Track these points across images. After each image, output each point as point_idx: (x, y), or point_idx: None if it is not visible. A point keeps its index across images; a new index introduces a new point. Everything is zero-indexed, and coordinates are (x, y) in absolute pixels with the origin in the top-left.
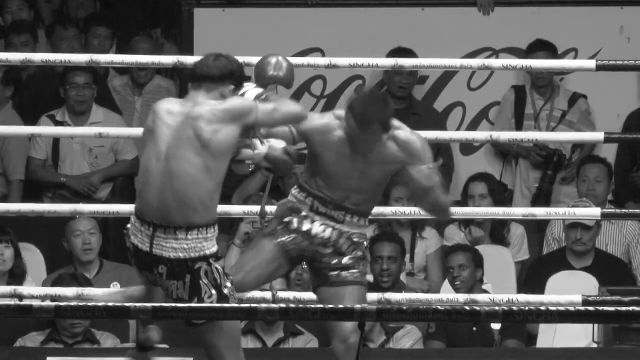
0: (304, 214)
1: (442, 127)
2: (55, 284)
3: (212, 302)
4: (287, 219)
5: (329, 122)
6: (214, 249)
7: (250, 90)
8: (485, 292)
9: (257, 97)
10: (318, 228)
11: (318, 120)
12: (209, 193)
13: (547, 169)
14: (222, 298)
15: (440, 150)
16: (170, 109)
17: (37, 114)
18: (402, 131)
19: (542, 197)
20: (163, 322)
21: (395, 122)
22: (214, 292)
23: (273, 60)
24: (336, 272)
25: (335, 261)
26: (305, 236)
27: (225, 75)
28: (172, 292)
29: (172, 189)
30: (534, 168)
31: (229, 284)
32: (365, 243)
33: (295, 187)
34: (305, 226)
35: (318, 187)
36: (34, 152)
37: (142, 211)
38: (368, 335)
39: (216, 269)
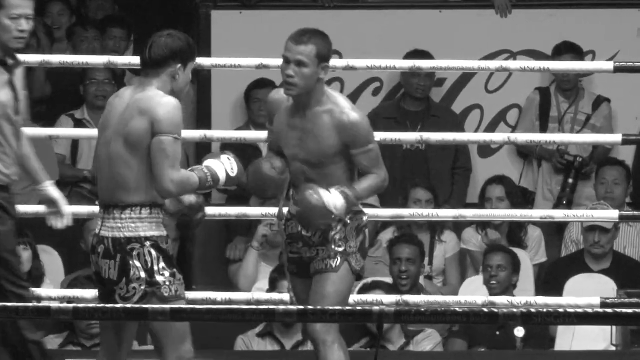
0: (289, 215)
1: (461, 129)
2: (71, 286)
3: (140, 285)
4: (282, 226)
5: (281, 94)
6: (152, 232)
7: (220, 165)
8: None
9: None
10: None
11: (274, 95)
12: (141, 174)
13: (567, 177)
14: (152, 284)
15: (458, 151)
16: (121, 95)
17: (56, 112)
18: (339, 108)
19: (563, 207)
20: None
21: (338, 96)
22: (143, 275)
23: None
24: (316, 262)
25: (308, 255)
26: (296, 238)
27: (168, 56)
28: (105, 272)
29: (109, 169)
30: (555, 172)
31: (166, 273)
32: (347, 220)
33: None
34: (294, 229)
35: (289, 170)
36: (54, 148)
37: (98, 195)
38: (387, 336)
39: (149, 252)
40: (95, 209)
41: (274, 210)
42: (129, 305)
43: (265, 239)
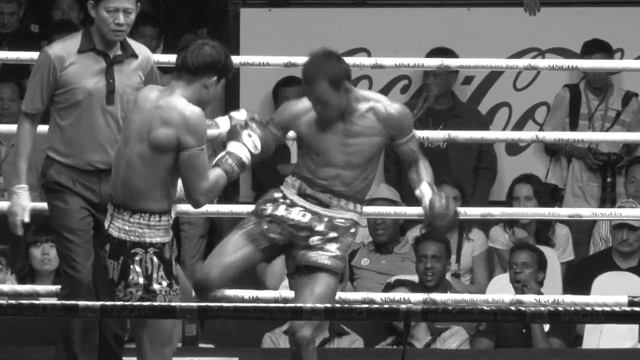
0: (281, 200)
1: (486, 128)
2: None
3: (137, 290)
4: (261, 207)
5: (306, 102)
6: (158, 239)
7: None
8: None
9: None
10: (296, 213)
11: (295, 104)
12: (152, 185)
13: (605, 176)
14: (148, 291)
15: (482, 152)
16: (147, 95)
17: None
18: (381, 103)
19: (608, 207)
20: (209, 322)
21: (371, 93)
22: (141, 281)
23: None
24: (302, 251)
25: (305, 242)
26: (279, 221)
27: (208, 66)
28: (109, 272)
29: (123, 171)
30: (590, 172)
31: (164, 283)
32: (353, 229)
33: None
34: (280, 211)
35: (308, 170)
36: None
37: (111, 191)
38: (413, 333)
39: (151, 259)
40: None
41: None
42: (156, 304)
43: None
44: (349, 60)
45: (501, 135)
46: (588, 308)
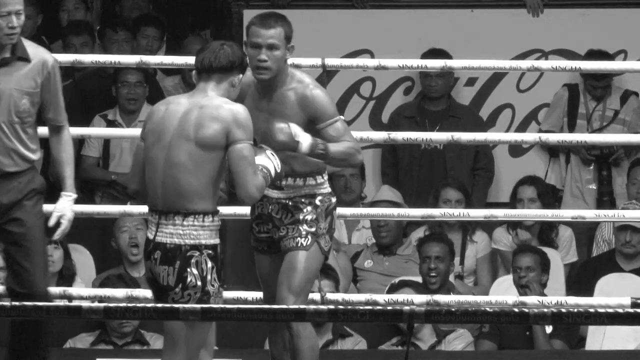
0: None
1: (482, 129)
2: (102, 285)
3: (195, 293)
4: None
5: (245, 81)
6: (212, 241)
7: (268, 160)
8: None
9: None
10: (264, 206)
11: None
12: (203, 185)
13: (600, 170)
14: (204, 293)
15: (479, 152)
16: (178, 100)
17: (90, 114)
18: (302, 84)
19: (606, 202)
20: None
21: (301, 74)
22: (199, 283)
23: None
24: (281, 243)
25: (277, 235)
26: (262, 218)
27: (234, 64)
28: (163, 279)
29: (172, 175)
30: (584, 165)
31: (215, 285)
32: (317, 202)
33: None
34: (256, 210)
35: None
36: (87, 150)
37: (151, 200)
38: (418, 335)
39: (205, 260)
40: (125, 208)
41: None
42: (159, 305)
43: None
44: (352, 61)
45: (504, 137)
46: (591, 310)
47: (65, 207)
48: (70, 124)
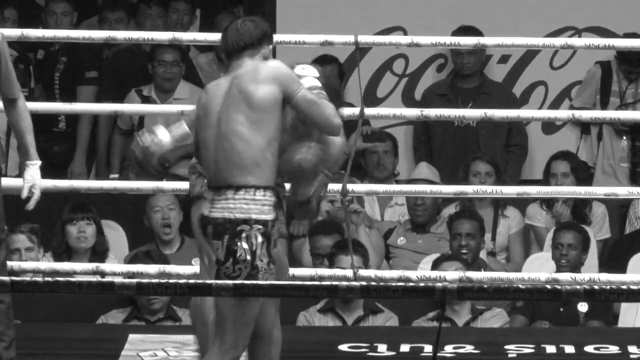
0: None
1: (515, 105)
2: (130, 262)
3: (245, 267)
4: None
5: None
6: (264, 216)
7: (309, 78)
8: None
9: (310, 88)
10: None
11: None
12: (260, 150)
13: (635, 140)
14: (252, 268)
15: (512, 129)
16: (218, 82)
17: (124, 90)
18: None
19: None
20: None
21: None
22: (248, 257)
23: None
24: None
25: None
26: None
27: (261, 38)
28: (214, 253)
29: (222, 148)
30: (617, 136)
31: (264, 260)
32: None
33: None
34: None
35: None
36: (120, 122)
37: (207, 179)
38: (456, 309)
39: (255, 235)
40: (159, 184)
41: (337, 187)
42: (192, 281)
43: (328, 214)
44: (385, 39)
45: (537, 114)
46: (624, 287)
47: (34, 176)
48: (103, 100)
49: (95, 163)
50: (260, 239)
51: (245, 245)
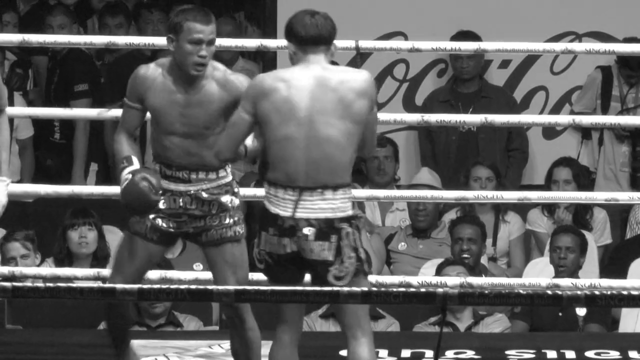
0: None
1: (515, 109)
2: None
3: (351, 264)
4: None
5: (149, 75)
6: (356, 211)
7: None
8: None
9: None
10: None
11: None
12: (350, 157)
13: (635, 145)
14: (358, 259)
15: (512, 133)
16: (297, 77)
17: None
18: (220, 71)
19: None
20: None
21: (216, 63)
22: (352, 254)
23: None
24: (202, 235)
25: (192, 226)
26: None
27: (333, 34)
28: (317, 254)
29: (321, 151)
30: (618, 141)
31: (362, 251)
32: (224, 199)
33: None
34: (173, 203)
35: (162, 149)
36: None
37: (286, 177)
38: (457, 315)
39: (354, 231)
40: None
41: None
42: (193, 287)
43: None
44: (385, 44)
45: (538, 119)
46: (624, 292)
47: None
48: (105, 106)
49: (99, 168)
50: (357, 233)
51: (349, 243)
